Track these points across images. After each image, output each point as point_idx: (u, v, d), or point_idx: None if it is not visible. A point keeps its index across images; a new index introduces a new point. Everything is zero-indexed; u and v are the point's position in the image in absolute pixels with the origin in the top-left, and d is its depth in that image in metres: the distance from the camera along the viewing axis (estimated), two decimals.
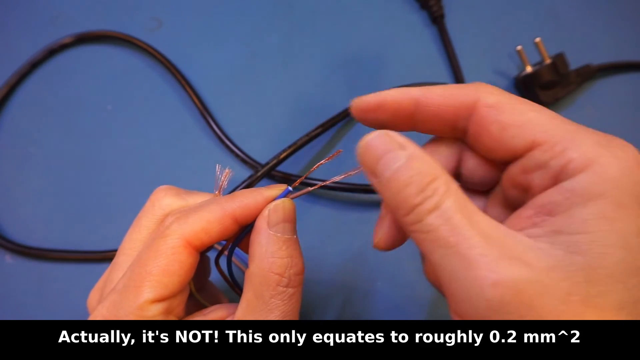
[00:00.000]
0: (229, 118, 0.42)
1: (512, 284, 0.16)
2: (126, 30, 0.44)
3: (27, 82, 0.44)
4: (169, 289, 0.22)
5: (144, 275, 0.22)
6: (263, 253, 0.22)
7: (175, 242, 0.22)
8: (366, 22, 0.45)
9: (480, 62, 0.43)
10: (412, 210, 0.18)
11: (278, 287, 0.22)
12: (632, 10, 0.45)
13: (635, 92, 0.42)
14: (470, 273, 0.16)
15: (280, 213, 0.23)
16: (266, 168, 0.36)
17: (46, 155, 0.41)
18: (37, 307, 0.37)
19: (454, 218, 0.17)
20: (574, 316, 0.15)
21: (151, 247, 0.22)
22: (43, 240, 0.38)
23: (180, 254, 0.22)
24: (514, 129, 0.19)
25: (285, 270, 0.23)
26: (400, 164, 0.19)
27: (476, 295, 0.16)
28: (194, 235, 0.23)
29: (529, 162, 0.18)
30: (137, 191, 0.40)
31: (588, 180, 0.17)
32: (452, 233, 0.17)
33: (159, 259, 0.22)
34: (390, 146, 0.19)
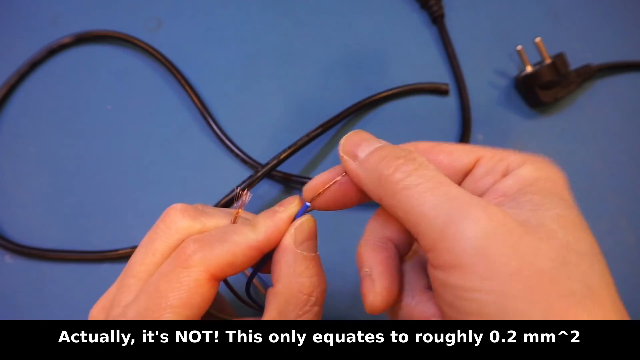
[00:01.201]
0: (229, 118, 0.42)
1: (500, 222, 0.18)
2: (126, 30, 0.44)
3: (27, 82, 0.44)
4: (189, 318, 0.21)
5: (163, 307, 0.21)
6: (291, 273, 0.22)
7: (199, 275, 0.21)
8: (366, 22, 0.45)
9: (480, 62, 0.43)
10: (398, 169, 0.20)
11: (305, 307, 0.23)
12: (632, 10, 0.45)
13: (635, 92, 0.42)
14: (466, 213, 0.18)
15: (306, 232, 0.23)
16: (266, 168, 0.36)
17: (46, 155, 0.41)
18: (37, 307, 0.37)
19: (440, 175, 0.20)
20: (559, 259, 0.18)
21: (171, 277, 0.22)
22: (43, 240, 0.38)
23: (203, 287, 0.22)
24: (458, 152, 0.23)
25: (313, 290, 0.23)
26: (380, 145, 0.22)
27: (472, 232, 0.18)
28: (219, 268, 0.22)
29: (478, 171, 0.22)
30: (137, 191, 0.40)
31: (528, 170, 0.21)
32: (444, 182, 0.19)
33: (181, 291, 0.21)
34: (369, 136, 0.23)
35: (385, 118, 0.41)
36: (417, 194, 0.19)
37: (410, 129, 0.41)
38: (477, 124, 0.41)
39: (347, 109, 0.40)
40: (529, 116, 0.42)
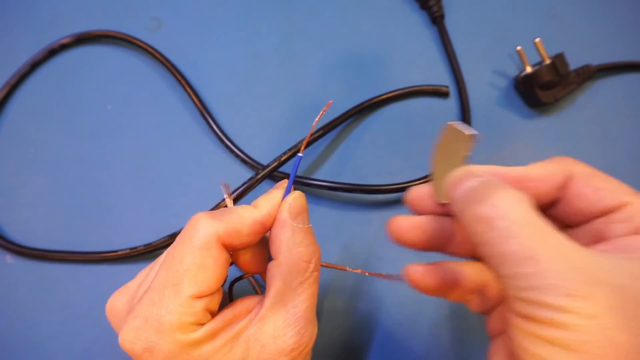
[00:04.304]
0: (229, 118, 0.42)
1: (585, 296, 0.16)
2: (126, 30, 0.44)
3: (27, 82, 0.44)
4: (206, 284, 0.23)
5: (180, 272, 0.23)
6: (291, 244, 0.24)
7: (208, 237, 0.23)
8: (366, 22, 0.45)
9: (480, 62, 0.43)
10: (479, 219, 0.19)
11: (306, 274, 0.25)
12: (632, 10, 0.45)
13: (635, 92, 0.43)
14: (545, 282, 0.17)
15: (299, 206, 0.26)
16: (266, 170, 0.36)
17: (46, 155, 0.41)
18: (38, 307, 0.37)
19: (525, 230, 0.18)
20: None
21: (185, 243, 0.23)
22: (43, 240, 0.38)
23: (214, 249, 0.23)
24: (607, 191, 0.22)
25: (311, 257, 0.25)
26: (473, 184, 0.21)
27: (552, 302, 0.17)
28: (226, 233, 0.24)
29: (618, 215, 0.21)
30: (137, 191, 0.40)
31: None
32: (525, 246, 0.17)
33: (194, 255, 0.23)
34: (468, 175, 0.22)
35: (386, 120, 0.41)
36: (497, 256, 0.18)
37: (411, 130, 0.41)
38: (477, 124, 0.41)
39: (347, 111, 0.40)
40: (529, 116, 0.42)
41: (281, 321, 0.24)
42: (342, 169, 0.40)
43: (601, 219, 0.22)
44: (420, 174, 0.38)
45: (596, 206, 0.21)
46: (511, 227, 0.18)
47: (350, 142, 0.41)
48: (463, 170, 0.22)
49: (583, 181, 0.22)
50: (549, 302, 0.16)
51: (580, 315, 0.16)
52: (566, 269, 0.17)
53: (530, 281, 0.17)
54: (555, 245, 0.17)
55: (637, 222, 0.20)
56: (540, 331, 0.17)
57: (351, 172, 0.40)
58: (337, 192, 0.38)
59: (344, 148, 0.41)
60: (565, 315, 0.16)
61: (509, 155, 0.40)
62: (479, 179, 0.21)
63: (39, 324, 0.37)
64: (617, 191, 0.21)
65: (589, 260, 0.17)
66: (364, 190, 0.37)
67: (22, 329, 0.36)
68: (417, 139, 0.41)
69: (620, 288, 0.17)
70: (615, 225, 0.21)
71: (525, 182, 0.23)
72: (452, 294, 0.26)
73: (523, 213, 0.18)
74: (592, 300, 0.16)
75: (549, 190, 0.23)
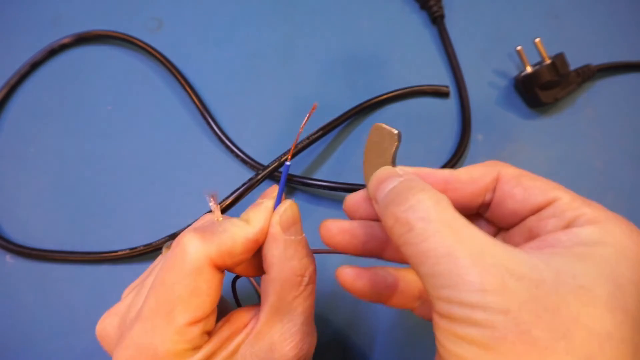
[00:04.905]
0: (229, 118, 0.42)
1: (498, 290, 0.16)
2: (126, 30, 0.44)
3: (27, 82, 0.44)
4: (202, 310, 0.22)
5: (173, 300, 0.21)
6: (282, 259, 0.23)
7: (200, 262, 0.22)
8: (366, 22, 0.45)
9: (480, 62, 0.43)
10: (397, 221, 0.19)
11: (300, 288, 0.24)
12: (632, 11, 0.45)
13: (635, 92, 0.42)
14: (460, 279, 0.16)
15: (290, 217, 0.24)
16: (266, 171, 0.36)
17: (46, 155, 0.41)
18: (37, 308, 0.37)
19: (442, 229, 0.18)
20: (564, 330, 0.16)
21: (174, 268, 0.22)
22: (43, 240, 0.38)
23: (207, 274, 0.22)
24: (535, 189, 0.21)
25: (305, 270, 0.24)
26: (393, 185, 0.21)
27: (466, 299, 0.16)
28: (219, 255, 0.22)
29: (547, 211, 0.21)
30: (137, 192, 0.40)
31: (593, 231, 0.19)
32: (442, 244, 0.17)
33: (186, 281, 0.21)
34: (388, 175, 0.22)
35: (386, 120, 0.41)
36: (418, 254, 0.18)
37: (411, 131, 0.41)
38: (477, 124, 0.41)
39: (347, 111, 0.40)
40: (529, 116, 0.42)
41: (277, 335, 0.23)
42: (342, 169, 0.40)
43: (533, 217, 0.21)
44: None
45: (526, 205, 0.21)
46: (428, 227, 0.18)
47: (350, 142, 0.41)
48: (385, 171, 0.23)
49: (512, 182, 0.22)
50: (464, 299, 0.16)
51: (494, 311, 0.16)
52: (482, 264, 0.17)
53: (447, 279, 0.17)
54: (472, 243, 0.17)
55: (567, 216, 0.20)
56: (459, 330, 0.17)
57: (351, 172, 0.40)
58: (337, 192, 0.38)
59: (344, 148, 0.41)
60: (479, 312, 0.16)
61: (509, 155, 0.40)
62: (399, 179, 0.21)
63: (39, 324, 0.37)
64: (545, 188, 0.21)
65: (507, 256, 0.17)
66: (362, 189, 0.37)
67: (21, 329, 0.36)
68: (417, 139, 0.41)
69: (539, 281, 0.16)
70: (546, 222, 0.21)
71: (451, 184, 0.23)
72: (391, 301, 0.25)
73: (440, 212, 0.18)
74: (505, 294, 0.16)
75: (476, 192, 0.23)
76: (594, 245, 0.18)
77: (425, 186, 0.20)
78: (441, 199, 0.19)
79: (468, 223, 0.18)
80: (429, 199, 0.19)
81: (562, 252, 0.18)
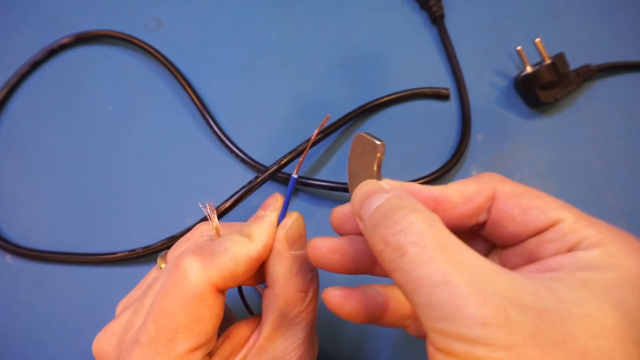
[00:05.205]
0: (229, 118, 0.42)
1: (501, 323, 0.15)
2: (126, 30, 0.44)
3: (27, 82, 0.44)
4: (204, 335, 0.21)
5: (174, 328, 0.21)
6: (288, 274, 0.23)
7: (202, 288, 0.21)
8: (366, 22, 0.45)
9: (480, 62, 0.43)
10: (388, 245, 0.17)
11: (304, 304, 0.23)
12: (632, 10, 0.45)
13: (635, 92, 0.42)
14: (459, 311, 0.15)
15: (297, 232, 0.24)
16: (266, 174, 0.36)
17: (46, 155, 0.41)
18: (37, 308, 0.37)
19: (438, 254, 0.16)
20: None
21: (174, 295, 0.21)
22: (43, 241, 0.38)
23: (209, 300, 0.21)
24: (536, 210, 0.20)
25: (309, 286, 0.23)
26: (380, 203, 0.19)
27: (466, 334, 0.15)
28: (222, 279, 0.22)
29: (549, 234, 0.19)
30: (137, 192, 0.40)
31: (598, 255, 0.17)
32: (438, 271, 0.16)
33: (187, 308, 0.21)
34: (374, 191, 0.20)
35: (386, 122, 0.41)
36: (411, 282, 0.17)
37: (411, 132, 0.41)
38: (477, 124, 0.41)
39: (347, 114, 0.40)
40: (529, 116, 0.42)
41: (279, 350, 0.23)
42: (343, 170, 0.40)
43: (533, 238, 0.20)
44: (420, 175, 0.38)
45: (527, 227, 0.20)
46: (423, 252, 0.16)
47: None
48: (369, 185, 0.21)
49: (510, 202, 0.20)
50: (463, 334, 0.15)
51: (498, 347, 0.14)
52: (481, 294, 0.15)
53: (444, 310, 0.15)
54: (470, 269, 0.16)
55: (570, 240, 0.18)
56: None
57: None
58: (337, 192, 0.38)
59: (344, 149, 0.40)
60: (480, 348, 0.15)
61: (509, 155, 0.40)
62: (385, 196, 0.19)
63: (38, 324, 0.37)
64: (547, 209, 0.19)
65: (508, 284, 0.16)
66: None
67: (21, 329, 0.36)
68: (417, 139, 0.41)
69: (543, 311, 0.15)
70: (548, 245, 0.19)
71: (441, 204, 0.21)
72: (382, 320, 0.23)
73: (435, 236, 0.17)
74: (510, 327, 0.15)
75: (469, 213, 0.21)
76: (598, 270, 0.17)
77: (417, 205, 0.18)
78: (434, 220, 0.18)
79: (464, 246, 0.17)
80: (422, 221, 0.17)
81: (565, 278, 0.17)
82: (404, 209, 0.18)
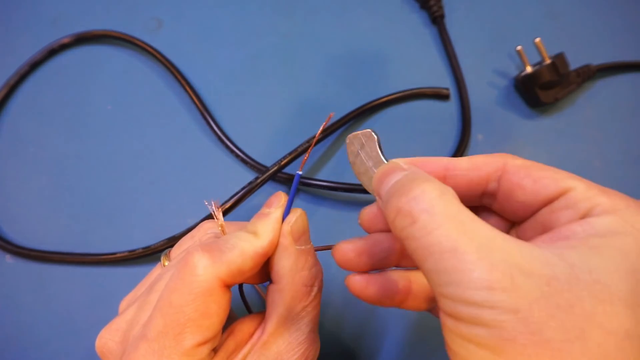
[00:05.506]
0: (229, 118, 0.42)
1: (507, 287, 0.15)
2: (126, 30, 0.44)
3: (27, 82, 0.44)
4: (211, 330, 0.22)
5: (183, 323, 0.21)
6: (294, 269, 0.23)
7: (211, 283, 0.21)
8: (366, 22, 0.45)
9: (480, 62, 0.43)
10: (400, 212, 0.18)
11: (309, 298, 0.24)
12: (632, 10, 0.45)
13: (635, 92, 0.42)
14: (465, 276, 0.15)
15: (301, 227, 0.24)
16: (267, 175, 0.36)
17: (46, 155, 0.41)
18: (37, 308, 0.37)
19: (447, 222, 0.17)
20: (578, 330, 0.15)
21: (183, 290, 0.21)
22: (42, 241, 0.38)
23: (217, 295, 0.22)
24: (546, 179, 0.20)
25: (315, 280, 0.24)
26: (397, 179, 0.20)
27: (472, 298, 0.15)
28: (230, 275, 0.22)
29: (560, 203, 0.19)
30: (136, 192, 0.40)
31: (611, 221, 0.17)
32: (447, 238, 0.16)
33: (197, 303, 0.21)
34: (392, 169, 0.21)
35: (386, 122, 0.41)
36: (421, 249, 0.17)
37: (411, 131, 0.41)
38: (477, 124, 0.41)
39: (348, 114, 0.40)
40: (529, 116, 0.42)
41: (284, 345, 0.23)
42: (343, 170, 0.40)
43: (545, 209, 0.20)
44: None
45: (537, 196, 0.20)
46: (433, 220, 0.17)
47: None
48: (388, 165, 0.21)
49: (521, 172, 0.21)
50: (470, 298, 0.15)
51: (502, 310, 0.15)
52: (489, 260, 0.15)
53: (452, 275, 0.16)
54: (479, 237, 0.16)
55: (582, 207, 0.18)
56: (465, 330, 0.16)
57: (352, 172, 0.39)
58: (337, 192, 0.38)
59: (344, 149, 0.40)
60: (486, 311, 0.15)
61: None
62: (403, 173, 0.20)
63: (38, 324, 0.37)
64: (557, 177, 0.20)
65: (516, 251, 0.16)
66: (364, 190, 0.37)
67: (20, 330, 0.36)
68: (417, 139, 0.41)
69: (551, 278, 0.15)
70: (559, 213, 0.19)
71: (450, 170, 0.22)
72: (405, 304, 0.24)
73: (446, 204, 0.17)
74: (515, 292, 0.15)
75: (477, 180, 0.22)
76: (612, 236, 0.17)
77: (429, 177, 0.19)
78: (446, 191, 0.18)
79: (474, 216, 0.17)
80: (434, 190, 0.18)
81: (577, 245, 0.17)
82: (417, 179, 0.19)
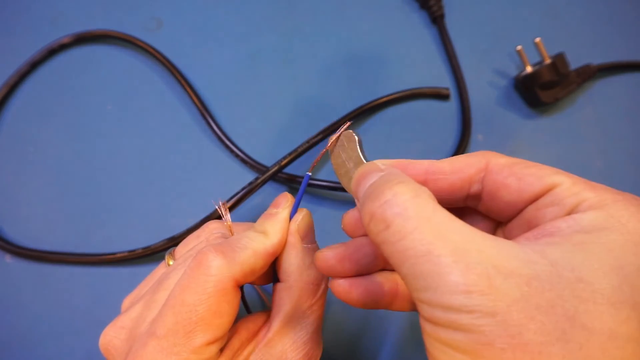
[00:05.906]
0: (229, 118, 0.42)
1: (484, 290, 0.14)
2: (126, 30, 0.44)
3: (27, 82, 0.44)
4: (221, 329, 0.22)
5: (194, 321, 0.21)
6: (301, 267, 0.24)
7: (225, 283, 0.22)
8: (366, 22, 0.45)
9: (480, 62, 0.43)
10: (373, 217, 0.17)
11: (316, 296, 0.24)
12: (632, 11, 0.45)
13: (635, 92, 0.43)
14: (441, 281, 0.15)
15: (307, 225, 0.25)
16: (267, 175, 0.36)
17: (46, 155, 0.41)
18: (36, 308, 0.37)
19: (422, 225, 0.16)
20: (559, 332, 0.14)
21: (196, 289, 0.21)
22: (42, 241, 0.38)
23: (230, 294, 0.22)
24: (531, 177, 0.19)
25: (322, 279, 0.24)
26: (373, 180, 0.19)
27: (449, 303, 0.15)
28: (242, 274, 0.22)
29: (546, 199, 0.19)
30: (136, 192, 0.40)
31: (597, 216, 0.17)
32: (421, 242, 0.16)
33: (210, 302, 0.21)
34: (370, 171, 0.20)
35: (386, 122, 0.41)
36: (397, 254, 0.17)
37: (411, 131, 0.41)
38: (477, 124, 0.41)
39: (347, 114, 0.40)
40: (529, 116, 0.42)
41: (289, 344, 0.23)
42: None
43: (531, 206, 0.19)
44: None
45: (522, 194, 0.19)
46: (406, 224, 0.16)
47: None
48: (367, 166, 0.21)
49: (504, 171, 0.20)
50: (447, 302, 0.15)
51: (480, 314, 0.14)
52: (465, 262, 0.15)
53: (428, 280, 0.15)
54: (454, 238, 0.16)
55: (568, 203, 0.18)
56: (443, 335, 0.15)
57: None
58: (337, 192, 0.38)
59: None
60: (463, 316, 0.14)
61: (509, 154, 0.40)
62: (379, 174, 0.19)
63: (38, 324, 0.37)
64: (542, 174, 0.19)
65: (495, 251, 0.15)
66: None
67: (20, 330, 0.36)
68: (417, 139, 0.41)
69: (532, 277, 0.15)
70: (545, 211, 0.19)
71: (432, 174, 0.21)
72: (393, 305, 0.24)
73: (420, 206, 0.17)
74: (493, 294, 0.14)
75: (459, 183, 0.21)
76: (597, 232, 0.16)
77: (404, 178, 0.18)
78: (421, 192, 0.17)
79: (452, 217, 0.17)
80: (407, 192, 0.17)
81: (560, 242, 0.16)
82: (391, 182, 0.18)
